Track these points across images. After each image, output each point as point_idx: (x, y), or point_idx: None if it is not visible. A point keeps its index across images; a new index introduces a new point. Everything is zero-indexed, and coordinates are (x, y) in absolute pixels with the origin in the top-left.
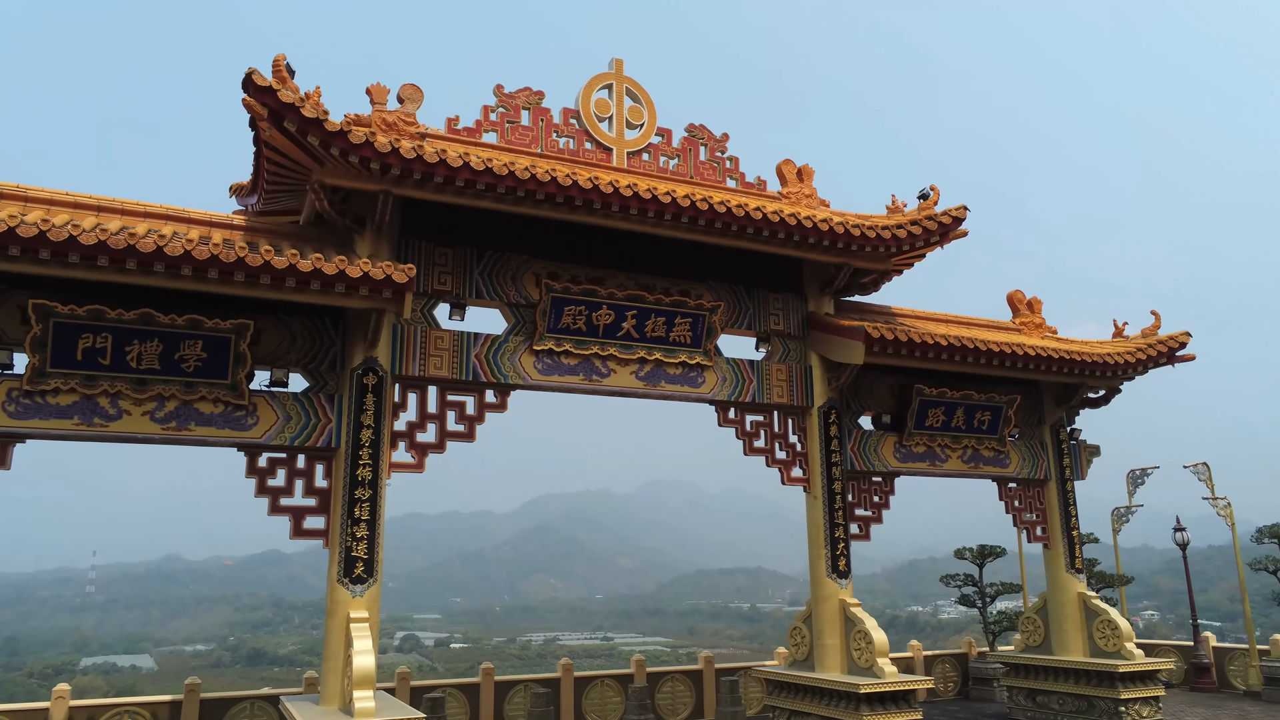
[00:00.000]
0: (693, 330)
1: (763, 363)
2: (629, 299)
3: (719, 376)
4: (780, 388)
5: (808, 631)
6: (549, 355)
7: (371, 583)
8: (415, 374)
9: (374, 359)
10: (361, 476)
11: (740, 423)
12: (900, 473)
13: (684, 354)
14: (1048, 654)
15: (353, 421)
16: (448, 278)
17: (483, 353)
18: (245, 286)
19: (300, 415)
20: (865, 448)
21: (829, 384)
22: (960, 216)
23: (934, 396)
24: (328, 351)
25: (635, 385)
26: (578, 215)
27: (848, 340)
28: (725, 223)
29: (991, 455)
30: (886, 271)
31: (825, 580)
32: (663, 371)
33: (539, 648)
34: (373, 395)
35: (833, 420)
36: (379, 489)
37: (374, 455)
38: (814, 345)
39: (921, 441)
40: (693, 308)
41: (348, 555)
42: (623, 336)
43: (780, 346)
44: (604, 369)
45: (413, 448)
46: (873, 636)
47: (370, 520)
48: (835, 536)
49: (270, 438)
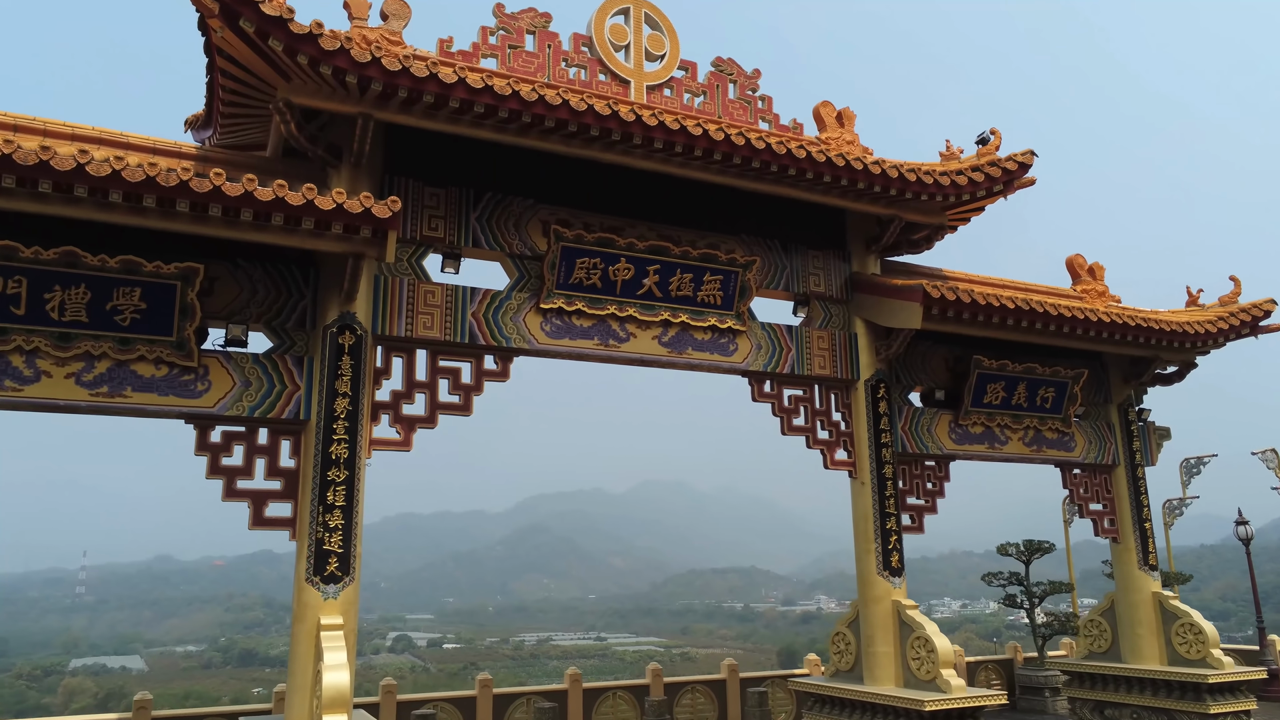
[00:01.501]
0: (724, 289)
1: (801, 329)
2: (651, 251)
3: (753, 343)
4: (822, 358)
5: (853, 637)
6: (558, 315)
7: (347, 582)
8: (401, 334)
9: (351, 315)
10: (336, 455)
11: (777, 397)
12: (956, 456)
13: (713, 316)
14: (1116, 661)
15: (325, 389)
16: (440, 223)
17: (481, 311)
18: (191, 221)
19: (262, 381)
20: (917, 427)
21: (876, 354)
22: (1027, 162)
23: (994, 369)
24: (296, 306)
25: (658, 352)
26: (593, 150)
27: (901, 302)
28: (764, 161)
29: (1055, 437)
30: (940, 227)
31: (875, 578)
32: (689, 336)
33: (532, 648)
34: (349, 358)
35: (881, 395)
36: (357, 470)
37: (351, 430)
38: (859, 309)
39: (979, 421)
40: (724, 262)
41: (319, 549)
42: (644, 295)
43: (821, 311)
44: (622, 332)
45: (398, 422)
46: (935, 644)
47: (346, 507)
48: (887, 529)
49: (225, 407)
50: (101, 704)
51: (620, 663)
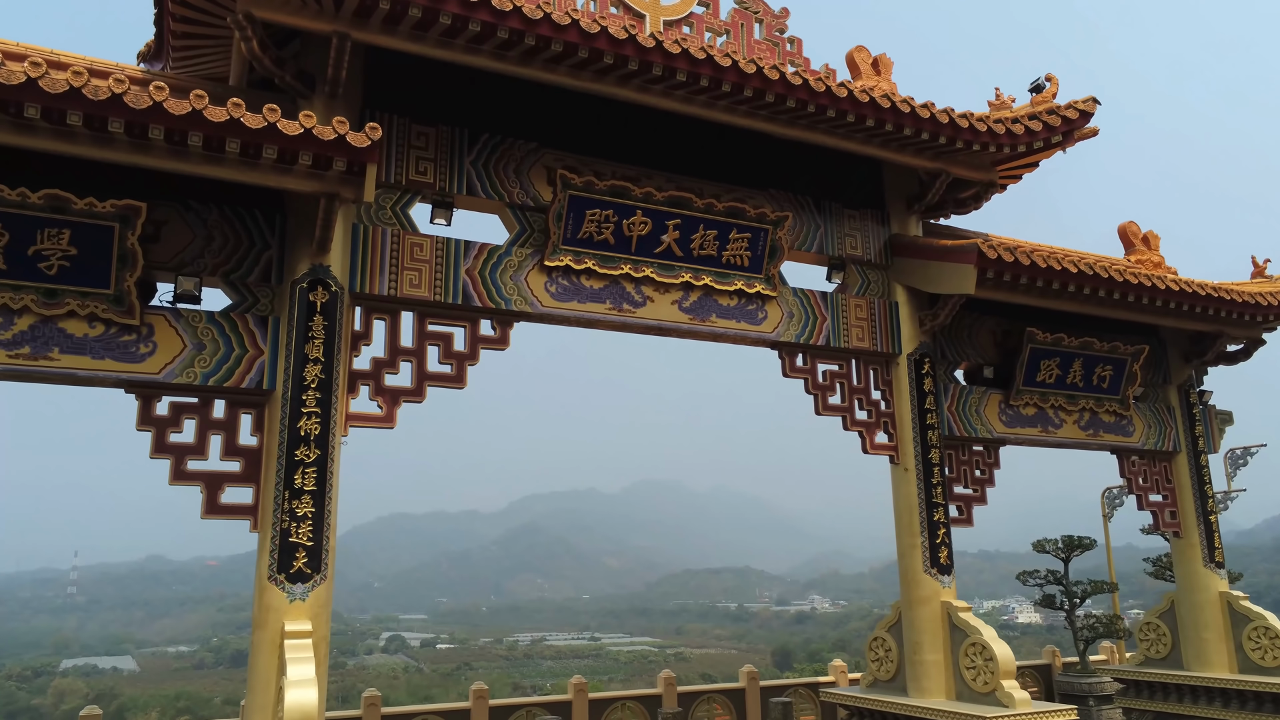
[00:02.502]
0: (751, 249)
1: (837, 296)
2: (671, 203)
3: (784, 311)
4: (860, 328)
5: (894, 643)
6: (565, 275)
7: (318, 580)
8: (383, 293)
9: (324, 269)
10: (305, 431)
11: (810, 372)
12: (1007, 440)
13: (740, 280)
14: (1178, 668)
15: (294, 354)
16: (429, 166)
17: (477, 268)
18: (130, 149)
19: (218, 344)
20: (965, 408)
21: (920, 325)
22: (1089, 110)
23: (1048, 344)
24: (259, 257)
25: (678, 319)
26: (605, 85)
27: (951, 264)
28: (799, 101)
29: (1112, 420)
30: (990, 185)
31: (921, 577)
32: (713, 302)
33: (526, 648)
34: (322, 318)
35: (926, 372)
36: (330, 449)
37: (324, 402)
38: (900, 275)
39: (1032, 401)
40: (752, 218)
41: (283, 541)
42: (662, 254)
43: (858, 277)
44: (638, 296)
45: (380, 394)
46: (994, 652)
47: (317, 492)
48: (935, 521)
49: (172, 373)
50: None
51: (615, 663)
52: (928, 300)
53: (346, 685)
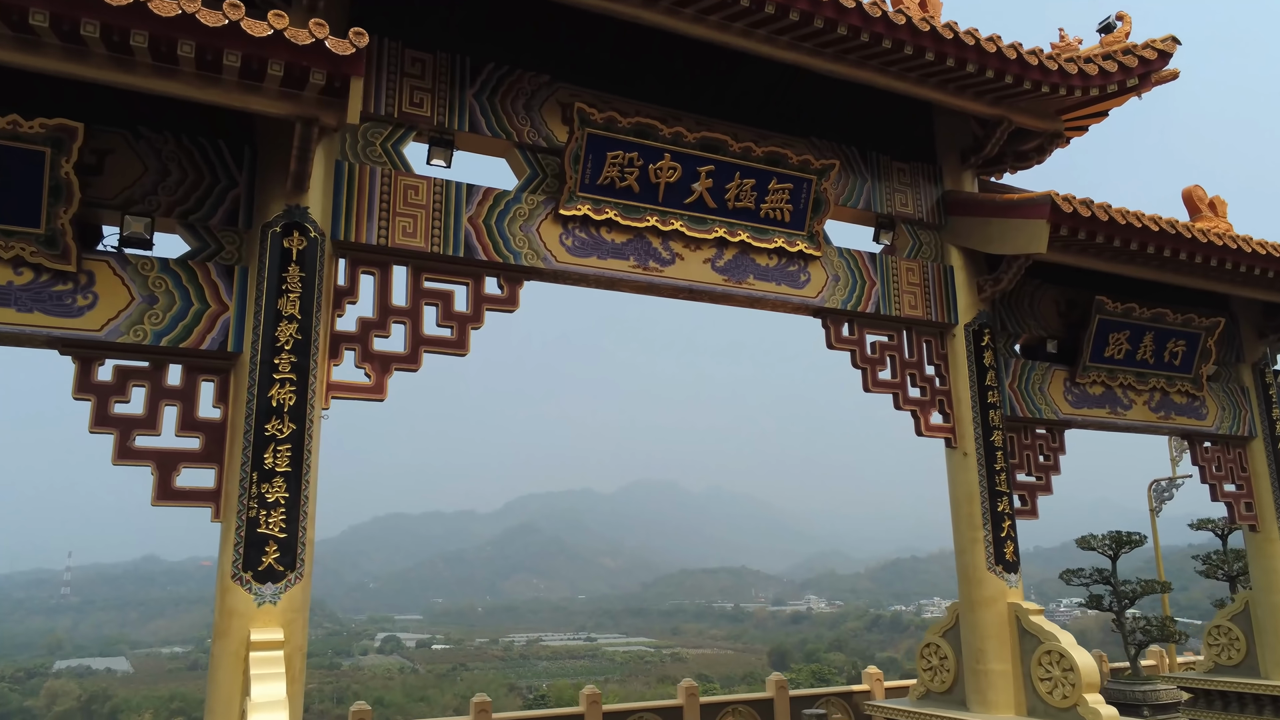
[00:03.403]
0: (793, 201)
1: (885, 258)
2: (703, 146)
3: (829, 274)
4: (912, 295)
5: (950, 651)
6: (584, 226)
7: (292, 579)
8: (372, 242)
9: (301, 211)
10: (278, 401)
11: (859, 343)
12: (1073, 422)
13: (780, 237)
14: (1253, 676)
15: (265, 311)
16: (425, 98)
17: (481, 216)
18: (61, 55)
19: (173, 297)
20: (1027, 386)
21: (979, 291)
22: (1168, 51)
23: (1118, 315)
24: (224, 195)
25: (712, 280)
26: (628, 5)
27: (1020, 220)
28: (853, 28)
29: (1184, 402)
30: (1055, 136)
31: (985, 575)
32: (750, 261)
33: (522, 648)
34: (299, 268)
35: (986, 344)
36: (308, 423)
37: (300, 367)
38: (955, 236)
39: (1099, 379)
40: (794, 166)
41: (251, 533)
42: (693, 205)
43: (908, 238)
44: (666, 252)
45: (367, 360)
46: (1074, 661)
47: (292, 474)
48: (998, 511)
49: (117, 331)
50: (85, 706)
51: (611, 663)
52: (987, 263)
53: (341, 686)
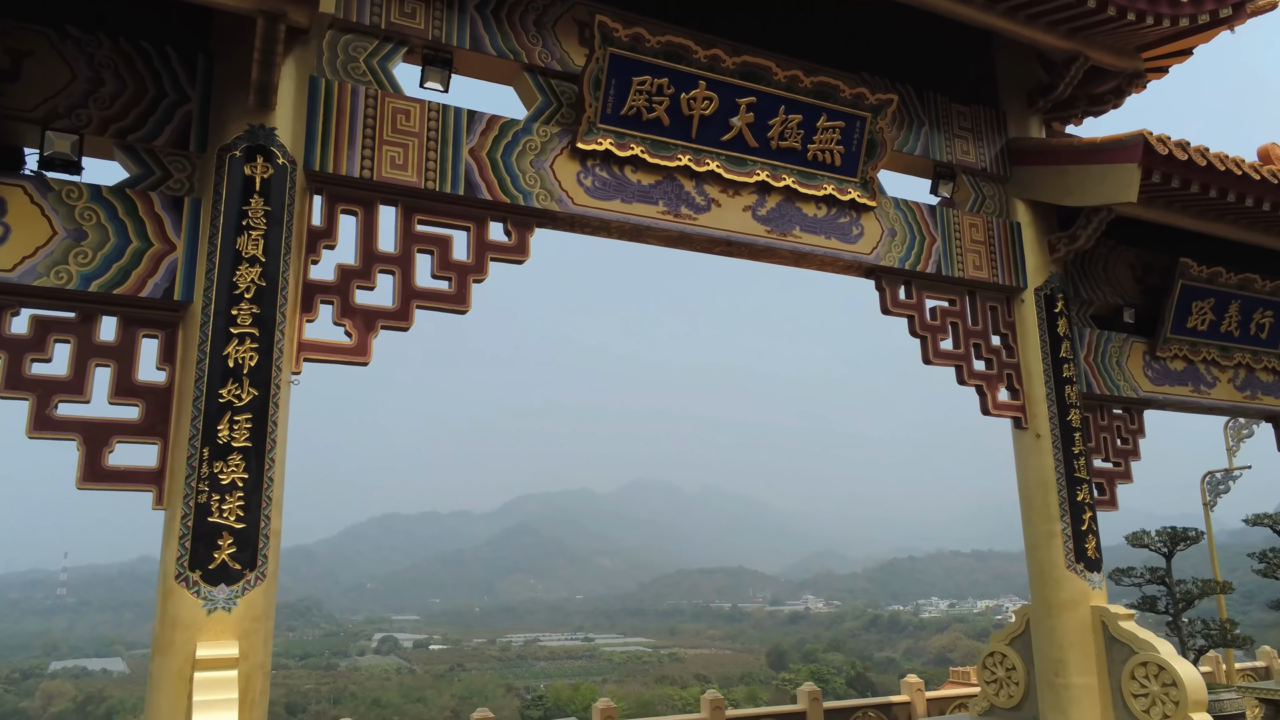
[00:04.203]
0: (844, 142)
1: (945, 211)
2: (742, 74)
3: (884, 228)
4: (976, 254)
5: (1019, 661)
6: (605, 164)
7: (252, 581)
8: (354, 174)
9: (266, 132)
10: (236, 361)
11: (918, 308)
12: (1154, 401)
13: (830, 183)
14: None
15: (221, 252)
16: (418, 8)
17: (485, 148)
18: None
19: (106, 233)
20: (1104, 359)
21: (1049, 251)
22: None
23: (1203, 280)
24: (172, 112)
25: (753, 230)
26: None
27: (1104, 166)
28: None
29: (1272, 380)
30: (1134, 76)
31: (1064, 575)
32: (795, 210)
33: (519, 649)
34: (263, 201)
35: (1059, 311)
36: (274, 389)
37: (264, 320)
38: (1023, 188)
39: (1181, 353)
40: (846, 100)
41: (200, 523)
42: (732, 143)
43: (970, 190)
44: (700, 197)
45: (348, 315)
46: (1178, 675)
47: (253, 451)
48: (1079, 501)
49: (33, 272)
50: (80, 707)
51: (609, 664)
52: (1057, 220)
53: (339, 687)
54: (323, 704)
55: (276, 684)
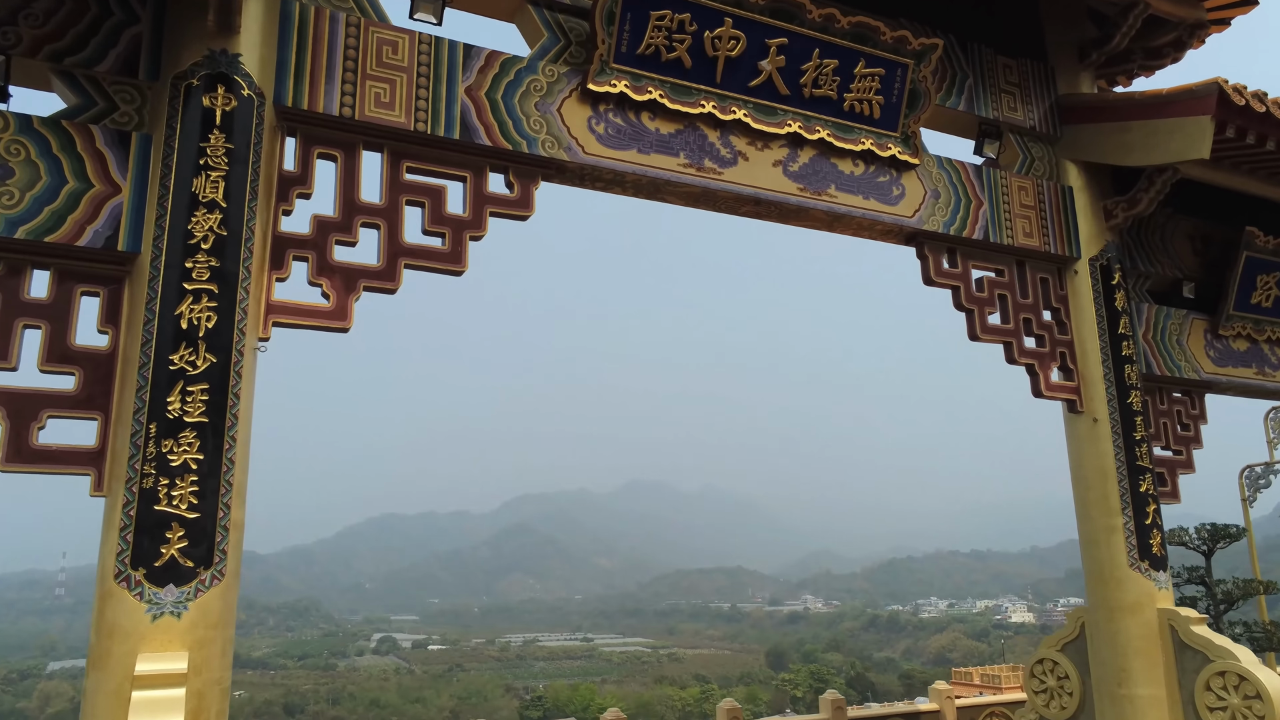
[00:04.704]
0: (884, 92)
1: (992, 171)
2: (773, 12)
3: (927, 188)
4: (1026, 219)
5: (1073, 669)
6: (620, 109)
7: (207, 580)
8: (333, 113)
9: (229, 58)
10: (192, 322)
11: (963, 278)
12: (1216, 383)
13: (868, 137)
14: None
15: (175, 195)
16: None
17: (484, 88)
18: None
19: (37, 171)
20: (1163, 337)
21: (1105, 218)
22: None
23: (1269, 251)
24: (117, 33)
25: (784, 188)
26: None
27: (1172, 120)
28: None
29: None
30: (1195, 27)
31: (1126, 574)
32: (830, 166)
33: (518, 649)
34: (224, 138)
35: (1116, 283)
36: (236, 356)
37: (225, 277)
38: (1075, 149)
39: (1244, 331)
40: (887, 45)
41: (146, 511)
42: (760, 89)
43: (1017, 150)
44: (725, 149)
45: (325, 273)
46: (1263, 685)
47: (210, 428)
48: (1141, 492)
49: None
50: (79, 708)
51: (608, 663)
52: (1112, 185)
53: (337, 687)
54: (321, 704)
55: (275, 684)
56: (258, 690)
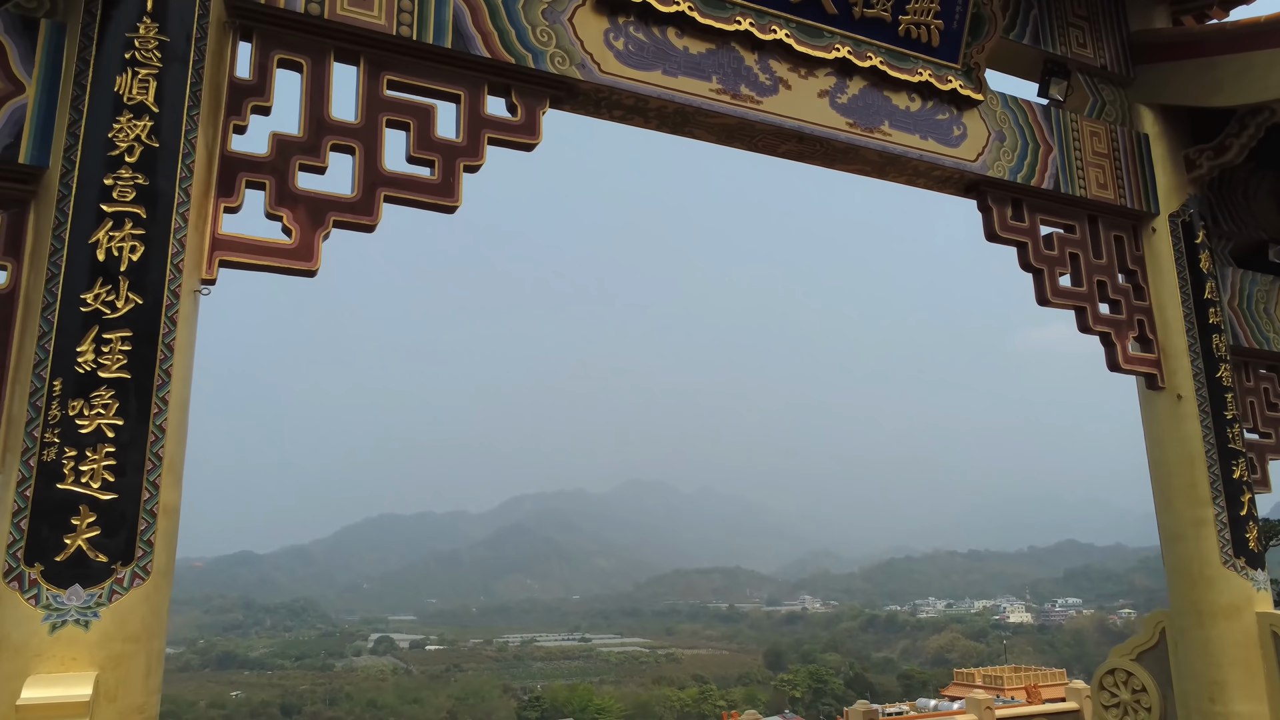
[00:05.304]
0: (944, 15)
1: (1062, 113)
2: None
3: (991, 129)
4: (1099, 169)
5: (1152, 682)
6: (642, 23)
7: (126, 580)
8: (297, 9)
9: None
10: (110, 252)
11: (1030, 235)
12: None
13: (926, 67)
14: None
15: (94, 97)
16: None
17: None
18: None
19: None
20: (1250, 305)
21: (1186, 168)
22: None
23: None
24: None
25: (831, 121)
26: None
27: (1270, 51)
28: None
29: None
30: None
31: (1220, 573)
32: (883, 100)
33: (516, 649)
34: (156, 27)
35: (1200, 242)
36: (168, 299)
37: (156, 198)
38: (1151, 90)
39: None
40: None
41: (48, 490)
42: (803, 7)
43: (1087, 93)
44: (764, 74)
45: (286, 204)
46: None
47: (133, 387)
48: (1235, 480)
49: None
50: None
51: (606, 664)
52: (1191, 132)
53: (334, 688)
54: (318, 705)
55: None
56: (254, 691)
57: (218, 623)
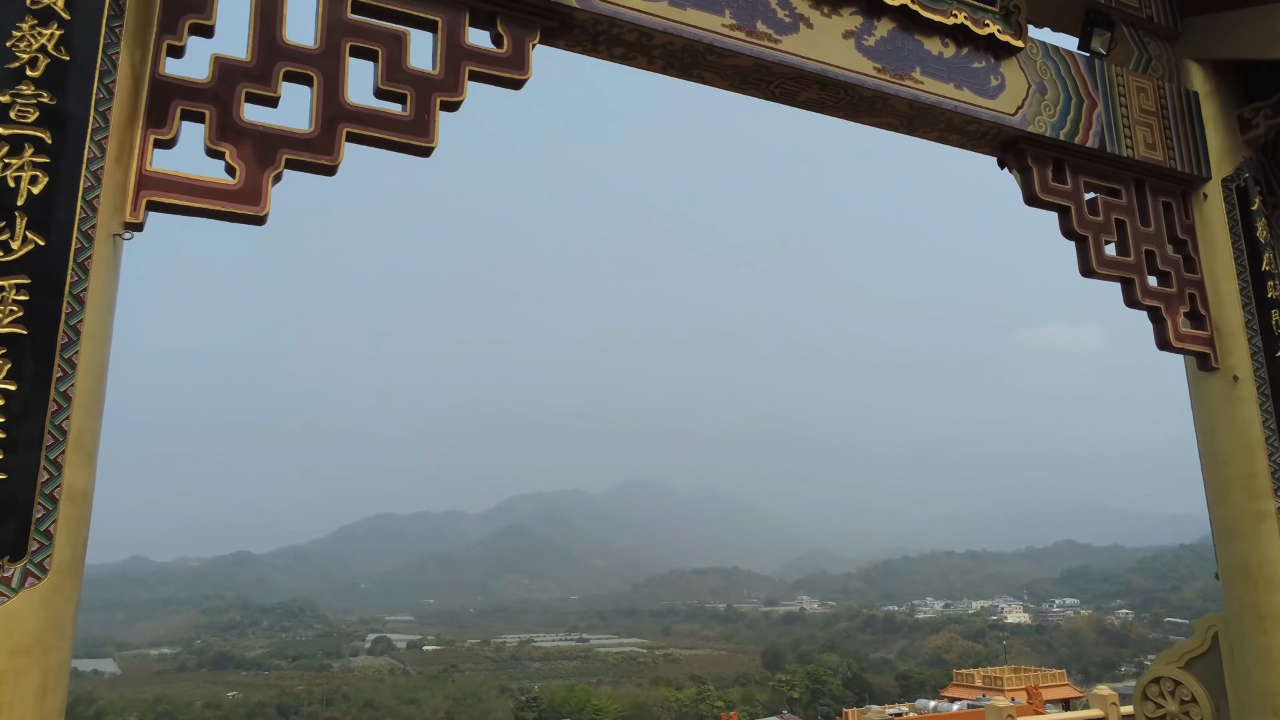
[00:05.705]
0: None
1: (1106, 66)
2: None
3: (1031, 81)
4: (1147, 128)
5: (1203, 692)
6: None
7: (16, 578)
8: None
9: None
10: (4, 181)
11: (1074, 198)
12: None
13: (961, 10)
14: None
15: None
16: None
17: None
18: None
19: None
20: None
21: (1240, 129)
22: None
23: None
24: None
25: (857, 66)
26: None
27: None
28: None
29: None
30: None
31: None
32: (914, 45)
33: (514, 649)
34: None
35: (1256, 210)
36: (78, 242)
37: (62, 122)
38: (1200, 45)
39: None
40: None
41: None
42: None
43: (1132, 46)
44: (783, 12)
45: (230, 138)
46: None
47: (28, 345)
48: None
49: None
50: (70, 709)
51: (603, 664)
52: (1244, 88)
53: (331, 688)
54: (315, 705)
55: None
56: (251, 691)
57: (214, 623)
